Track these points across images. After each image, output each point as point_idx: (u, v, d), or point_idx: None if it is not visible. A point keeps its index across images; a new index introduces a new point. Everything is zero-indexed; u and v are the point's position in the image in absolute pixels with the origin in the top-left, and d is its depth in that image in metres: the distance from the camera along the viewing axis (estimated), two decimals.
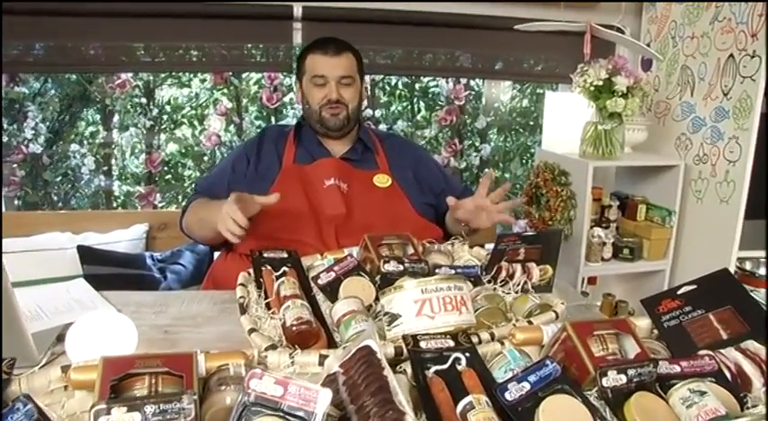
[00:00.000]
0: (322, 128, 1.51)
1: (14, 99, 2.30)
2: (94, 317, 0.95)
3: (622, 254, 1.77)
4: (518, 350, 0.81)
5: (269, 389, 0.65)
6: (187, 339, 1.05)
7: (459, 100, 2.68)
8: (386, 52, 2.22)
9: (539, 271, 1.14)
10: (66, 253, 1.56)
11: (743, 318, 0.85)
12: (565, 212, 1.68)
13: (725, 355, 0.80)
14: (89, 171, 2.47)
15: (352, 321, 0.94)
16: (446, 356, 0.80)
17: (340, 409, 0.70)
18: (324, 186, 1.45)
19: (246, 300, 1.03)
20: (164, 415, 0.61)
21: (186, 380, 0.67)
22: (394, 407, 0.64)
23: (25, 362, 0.86)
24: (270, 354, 0.79)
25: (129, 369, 0.67)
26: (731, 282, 0.91)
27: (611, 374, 0.73)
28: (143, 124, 2.49)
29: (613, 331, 0.81)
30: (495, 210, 1.30)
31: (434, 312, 0.88)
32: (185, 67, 2.20)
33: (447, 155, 2.73)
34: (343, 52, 1.51)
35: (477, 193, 1.32)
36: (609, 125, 1.62)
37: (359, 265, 1.14)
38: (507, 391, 0.70)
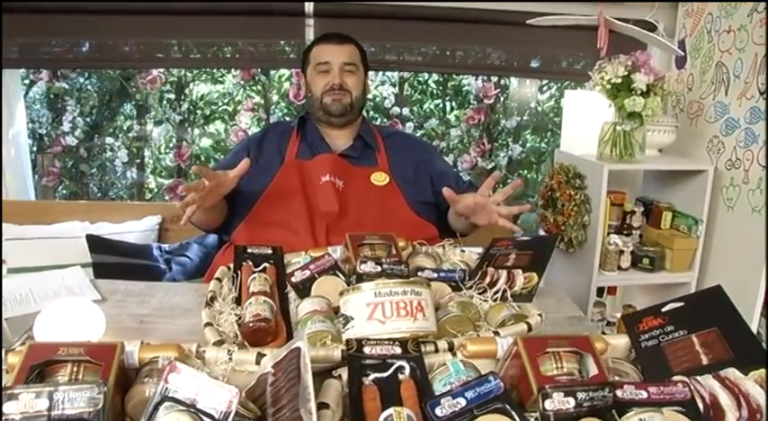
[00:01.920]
0: (324, 115, 1.50)
1: (56, 94, 2.42)
2: (63, 304, 0.97)
3: (642, 263, 1.65)
4: (464, 362, 0.76)
5: (185, 385, 0.64)
6: (159, 330, 1.06)
7: (488, 98, 2.60)
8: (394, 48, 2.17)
9: (523, 278, 1.07)
10: (79, 241, 1.62)
11: (728, 343, 0.77)
12: (578, 217, 1.59)
13: (701, 383, 0.72)
14: (122, 163, 2.57)
15: (309, 321, 0.91)
16: (389, 364, 0.76)
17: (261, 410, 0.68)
18: (320, 182, 1.43)
19: (215, 295, 1.02)
20: (72, 403, 0.61)
21: (104, 370, 0.67)
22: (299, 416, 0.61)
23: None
24: (208, 350, 0.78)
25: (51, 355, 0.68)
26: (722, 301, 0.83)
27: (557, 396, 0.67)
28: (173, 119, 2.56)
29: (572, 349, 0.75)
30: (495, 211, 1.23)
31: (386, 317, 0.84)
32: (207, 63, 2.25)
33: (475, 154, 2.66)
34: (346, 42, 1.53)
35: (480, 191, 1.26)
36: (628, 126, 1.52)
37: (336, 265, 1.11)
38: (439, 406, 0.66)
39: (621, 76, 1.44)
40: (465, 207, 1.30)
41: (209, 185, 1.19)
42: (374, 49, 2.13)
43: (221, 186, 1.26)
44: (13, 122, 1.96)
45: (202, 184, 1.18)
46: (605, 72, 1.47)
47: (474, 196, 1.27)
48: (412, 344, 0.79)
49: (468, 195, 1.29)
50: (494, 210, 1.23)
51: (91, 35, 2.00)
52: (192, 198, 1.16)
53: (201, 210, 1.29)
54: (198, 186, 1.17)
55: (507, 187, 1.23)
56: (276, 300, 1.03)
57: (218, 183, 1.23)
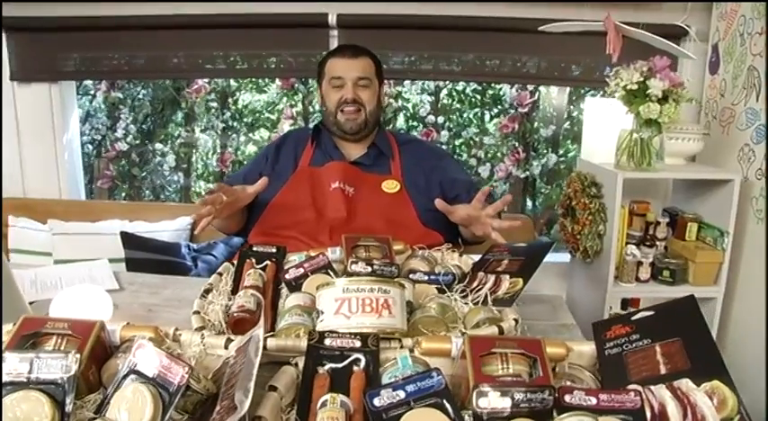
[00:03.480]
0: (338, 130, 1.55)
1: (113, 103, 2.63)
2: (76, 290, 1.08)
3: (662, 276, 1.59)
4: (414, 358, 0.78)
5: (148, 360, 0.71)
6: (162, 318, 1.15)
7: (523, 107, 2.57)
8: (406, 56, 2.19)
9: (508, 283, 1.08)
10: (117, 238, 1.76)
11: (688, 353, 0.75)
12: (594, 226, 1.55)
13: (653, 393, 0.71)
14: (170, 168, 2.75)
15: (287, 314, 0.96)
16: (346, 356, 0.80)
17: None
18: (330, 189, 1.49)
19: (211, 287, 1.09)
20: (48, 369, 0.69)
21: (81, 343, 0.74)
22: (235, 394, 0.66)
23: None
24: (183, 333, 0.85)
25: (39, 328, 0.76)
26: (692, 311, 0.80)
27: (492, 396, 0.68)
28: (217, 127, 2.72)
29: (520, 351, 0.76)
30: (489, 224, 1.26)
31: (351, 312, 0.88)
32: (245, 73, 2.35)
33: (510, 163, 2.64)
34: (360, 55, 1.55)
35: (472, 204, 1.30)
36: (645, 133, 1.48)
37: (329, 264, 1.16)
38: (377, 397, 0.69)
39: (637, 82, 1.41)
40: (460, 218, 1.34)
41: (226, 200, 1.28)
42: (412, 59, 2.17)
43: (238, 201, 1.35)
44: (68, 129, 2.14)
45: (220, 198, 1.27)
46: (620, 78, 1.44)
47: (466, 208, 1.30)
48: (372, 339, 0.82)
49: (461, 207, 1.33)
50: (487, 223, 1.26)
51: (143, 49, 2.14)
52: (208, 211, 1.25)
53: (230, 214, 1.39)
54: (216, 200, 1.26)
55: (498, 202, 1.27)
56: (269, 294, 1.09)
57: (236, 198, 1.32)
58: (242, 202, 1.35)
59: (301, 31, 1.97)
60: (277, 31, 1.99)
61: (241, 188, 1.33)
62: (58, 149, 2.10)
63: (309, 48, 1.99)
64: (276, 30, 1.98)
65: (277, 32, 1.98)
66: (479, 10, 1.96)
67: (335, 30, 1.95)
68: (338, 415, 0.65)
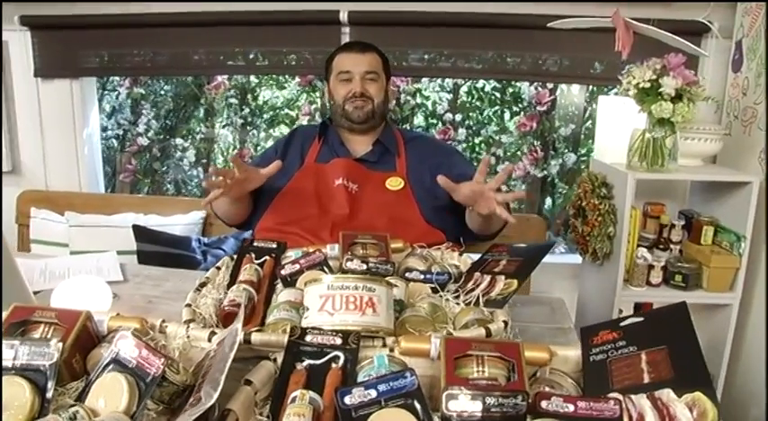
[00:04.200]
0: (347, 122, 1.56)
1: (135, 99, 2.70)
2: (77, 280, 1.11)
3: (674, 280, 1.54)
4: (391, 358, 0.77)
5: (128, 351, 0.73)
6: (160, 310, 1.17)
7: (541, 105, 2.53)
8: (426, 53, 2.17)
9: (503, 284, 1.06)
10: (130, 231, 1.80)
11: (673, 363, 0.73)
12: (603, 228, 1.52)
13: (633, 402, 0.69)
14: (189, 163, 2.80)
15: (276, 309, 0.97)
16: (325, 353, 0.80)
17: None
18: (333, 185, 1.49)
19: (207, 280, 1.11)
20: (32, 356, 0.71)
21: (66, 332, 0.76)
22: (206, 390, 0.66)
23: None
24: (170, 325, 0.86)
25: (27, 316, 0.79)
26: (682, 319, 0.78)
27: (463, 399, 0.68)
28: (236, 123, 2.75)
29: (497, 354, 0.74)
30: (493, 198, 1.22)
31: (335, 309, 0.87)
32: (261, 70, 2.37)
33: (527, 163, 2.60)
34: (367, 51, 1.57)
35: (474, 179, 1.26)
36: (658, 133, 1.43)
37: (325, 261, 1.16)
38: (348, 395, 0.69)
39: (649, 80, 1.37)
40: (464, 196, 1.30)
41: (238, 176, 1.30)
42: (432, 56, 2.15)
43: (249, 181, 1.36)
44: (88, 124, 2.20)
45: (232, 173, 1.29)
46: (633, 76, 1.40)
47: (469, 184, 1.27)
48: (353, 337, 0.82)
49: (464, 184, 1.29)
50: (491, 197, 1.22)
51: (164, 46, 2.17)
52: (219, 183, 1.26)
53: (227, 201, 1.41)
54: (228, 174, 1.28)
55: (500, 174, 1.22)
56: (263, 289, 1.10)
57: (247, 176, 1.34)
58: (252, 184, 1.37)
59: (314, 29, 1.98)
60: (292, 28, 2.00)
61: (254, 169, 1.35)
62: (79, 144, 2.16)
63: (322, 45, 1.99)
64: (291, 27, 1.99)
65: (292, 29, 1.99)
66: (497, 7, 1.93)
67: (347, 27, 1.94)
68: (305, 411, 0.65)
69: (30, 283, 1.19)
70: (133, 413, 0.68)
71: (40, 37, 2.02)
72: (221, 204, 1.48)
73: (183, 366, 0.76)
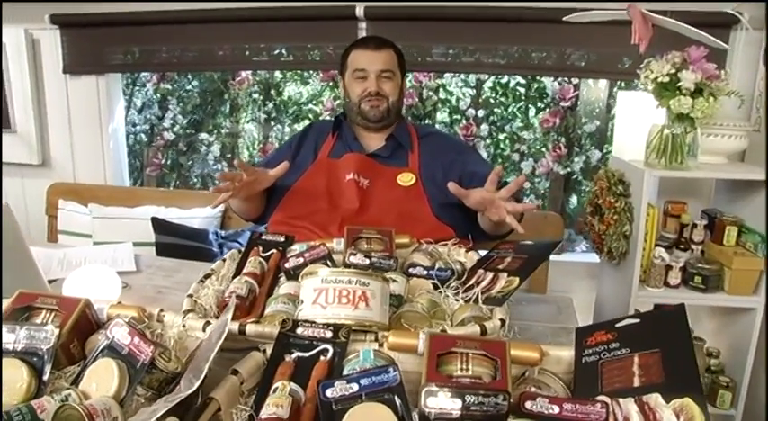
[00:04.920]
0: (362, 120, 1.56)
1: (162, 94, 2.76)
2: (88, 269, 1.15)
3: (693, 281, 1.49)
4: (378, 353, 0.77)
5: (122, 338, 0.75)
6: (168, 300, 1.20)
7: (565, 101, 2.48)
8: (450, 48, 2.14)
9: (504, 281, 1.04)
10: (149, 223, 1.85)
11: (665, 367, 0.70)
12: (618, 226, 1.48)
13: (620, 406, 0.68)
14: (214, 157, 2.86)
15: (273, 302, 0.98)
16: (314, 345, 0.81)
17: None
18: (344, 180, 1.49)
19: (212, 272, 1.13)
20: (31, 340, 0.74)
21: (64, 318, 0.79)
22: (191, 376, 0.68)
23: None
24: (167, 315, 0.88)
25: (30, 302, 0.82)
26: (679, 322, 0.76)
27: (442, 396, 0.67)
28: (259, 118, 2.79)
29: (483, 352, 0.73)
30: (503, 207, 1.21)
31: (327, 303, 0.87)
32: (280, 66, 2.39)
33: (551, 159, 2.55)
34: (383, 48, 1.55)
35: (485, 187, 1.24)
36: (678, 129, 1.39)
37: (329, 255, 1.17)
38: (331, 388, 0.69)
39: (668, 74, 1.32)
40: (475, 202, 1.29)
41: (245, 179, 1.31)
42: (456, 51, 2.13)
43: (257, 182, 1.38)
44: (113, 119, 2.27)
45: (239, 177, 1.31)
46: (651, 70, 1.35)
47: (480, 192, 1.26)
48: (344, 331, 0.82)
49: (475, 191, 1.28)
50: (501, 206, 1.21)
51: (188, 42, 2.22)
52: (227, 186, 1.28)
53: (239, 199, 1.43)
54: (235, 177, 1.29)
55: (511, 184, 1.20)
56: (267, 282, 1.11)
57: (256, 178, 1.36)
58: (261, 185, 1.39)
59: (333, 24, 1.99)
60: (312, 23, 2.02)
61: (263, 170, 1.37)
62: (104, 138, 2.23)
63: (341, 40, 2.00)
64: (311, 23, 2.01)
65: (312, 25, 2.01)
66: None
67: (364, 22, 1.94)
68: (283, 402, 0.66)
69: (47, 272, 1.25)
70: (122, 397, 0.70)
71: (69, 35, 2.09)
72: (235, 203, 1.51)
73: (176, 355, 0.78)
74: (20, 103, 2.16)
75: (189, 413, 0.64)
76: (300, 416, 0.67)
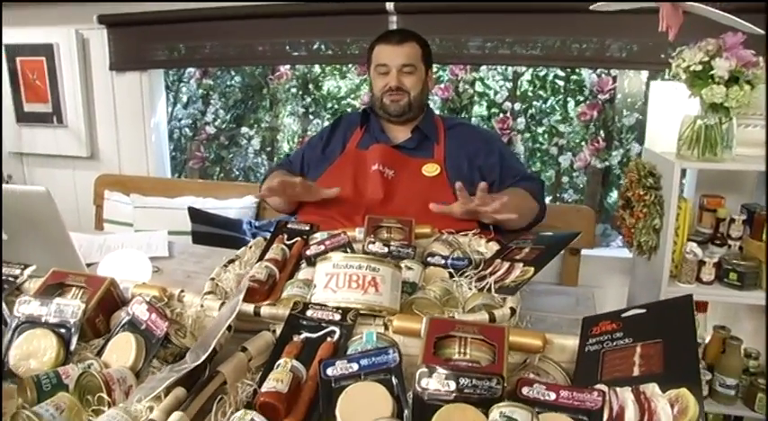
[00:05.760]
0: (384, 113, 1.58)
1: (205, 89, 2.86)
2: (122, 253, 1.22)
3: (728, 278, 1.43)
4: (381, 335, 0.79)
5: (141, 314, 0.80)
6: (195, 284, 1.25)
7: (603, 93, 2.42)
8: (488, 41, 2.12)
9: (519, 271, 1.05)
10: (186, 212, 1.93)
11: (665, 357, 0.69)
12: (648, 220, 1.44)
13: (617, 395, 0.67)
14: (254, 151, 2.94)
15: (290, 286, 1.02)
16: (323, 327, 0.83)
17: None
18: (370, 171, 1.52)
19: (236, 258, 1.18)
20: (61, 314, 0.80)
21: (90, 295, 0.85)
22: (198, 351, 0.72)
23: None
24: (187, 295, 0.93)
25: (62, 280, 0.88)
26: (684, 313, 0.74)
27: (436, 377, 0.68)
28: (298, 112, 2.86)
29: (481, 337, 0.74)
30: (486, 212, 1.29)
31: (338, 287, 0.90)
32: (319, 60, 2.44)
33: (588, 153, 2.50)
34: (406, 41, 1.57)
35: (459, 202, 1.34)
36: (711, 119, 1.34)
37: (349, 243, 1.20)
38: (332, 367, 0.72)
39: (701, 61, 1.28)
40: (460, 215, 1.36)
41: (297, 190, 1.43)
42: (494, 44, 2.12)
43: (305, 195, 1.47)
44: (155, 113, 2.37)
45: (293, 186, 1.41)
46: (683, 58, 1.31)
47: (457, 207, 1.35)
48: (352, 314, 0.85)
49: (455, 206, 1.36)
50: (486, 212, 1.29)
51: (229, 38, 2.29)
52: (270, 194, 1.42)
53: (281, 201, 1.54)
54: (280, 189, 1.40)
55: (477, 192, 1.30)
56: (288, 268, 1.15)
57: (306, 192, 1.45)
58: (307, 198, 1.48)
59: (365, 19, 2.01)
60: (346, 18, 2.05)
61: (316, 189, 1.46)
62: (147, 132, 2.34)
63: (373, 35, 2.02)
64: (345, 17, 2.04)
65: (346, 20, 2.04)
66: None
67: (394, 16, 1.96)
68: (284, 377, 0.69)
69: (88, 256, 1.32)
70: (139, 369, 0.74)
71: (115, 33, 2.20)
72: (275, 202, 1.59)
73: (191, 332, 0.83)
74: (71, 99, 2.30)
75: (196, 384, 0.68)
76: (301, 393, 0.70)
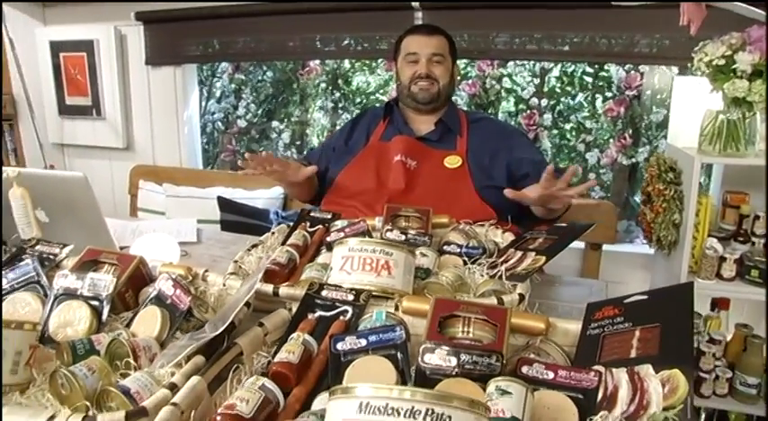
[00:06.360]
0: (412, 102, 1.62)
1: (237, 85, 2.95)
2: (152, 236, 1.29)
3: (750, 275, 1.42)
4: (390, 315, 0.83)
5: (166, 289, 0.86)
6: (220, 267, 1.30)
7: (631, 89, 2.39)
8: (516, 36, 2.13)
9: (530, 260, 1.07)
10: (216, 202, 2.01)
11: (662, 340, 0.71)
12: (668, 215, 1.43)
13: (612, 375, 0.70)
14: (284, 144, 3.01)
15: (308, 269, 1.07)
16: (336, 306, 0.88)
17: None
18: (392, 161, 1.56)
19: (260, 243, 1.24)
20: (95, 288, 0.87)
21: (121, 271, 0.91)
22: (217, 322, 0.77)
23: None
24: (210, 275, 0.99)
25: (96, 257, 0.95)
26: (684, 299, 0.76)
27: (439, 353, 0.72)
28: (327, 107, 2.91)
29: (484, 317, 0.77)
30: (564, 195, 1.25)
31: (353, 269, 0.94)
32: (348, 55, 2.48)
33: (615, 149, 2.47)
34: (435, 34, 1.62)
35: (541, 184, 1.27)
36: (734, 114, 1.33)
37: (368, 231, 1.24)
38: (341, 341, 0.76)
39: (723, 55, 1.27)
40: (533, 201, 1.33)
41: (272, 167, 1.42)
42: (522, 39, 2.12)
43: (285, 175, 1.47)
44: (188, 107, 2.46)
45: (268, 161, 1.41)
46: (705, 52, 1.31)
47: (536, 189, 1.29)
48: (365, 295, 0.89)
49: (530, 190, 1.31)
50: (563, 195, 1.25)
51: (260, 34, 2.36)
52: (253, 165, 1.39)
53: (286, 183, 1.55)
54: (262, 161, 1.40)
55: (566, 174, 1.24)
56: (309, 253, 1.20)
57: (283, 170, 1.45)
58: (291, 178, 1.49)
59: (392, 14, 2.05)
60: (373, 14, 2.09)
61: (296, 166, 1.48)
62: (180, 125, 2.43)
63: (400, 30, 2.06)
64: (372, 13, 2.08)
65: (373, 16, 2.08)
66: None
67: (419, 12, 1.99)
68: (295, 349, 0.73)
69: (122, 240, 1.40)
70: (163, 339, 0.80)
71: (151, 30, 2.30)
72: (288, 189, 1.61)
73: (212, 308, 0.89)
74: (109, 93, 2.41)
75: (214, 354, 0.73)
76: (311, 365, 0.74)
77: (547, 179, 1.24)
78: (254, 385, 0.64)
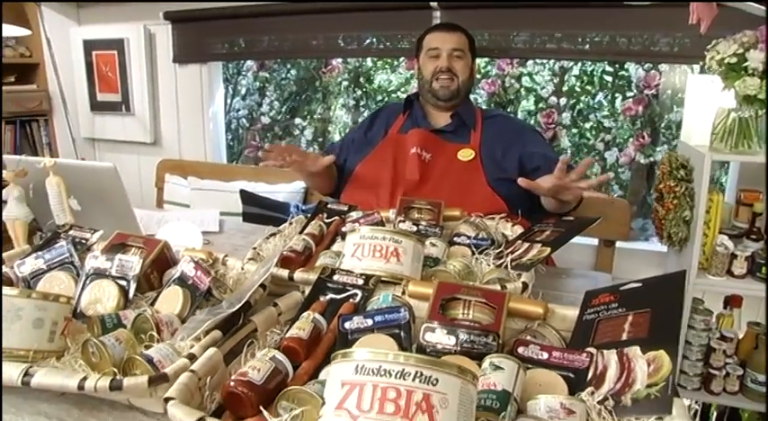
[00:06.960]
0: (432, 98, 1.67)
1: (261, 82, 3.02)
2: (177, 224, 1.36)
3: (760, 272, 1.42)
4: (396, 297, 0.88)
5: (188, 270, 0.92)
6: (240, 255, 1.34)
7: (649, 88, 2.39)
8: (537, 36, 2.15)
9: (536, 251, 1.11)
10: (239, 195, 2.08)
11: (651, 324, 0.75)
12: (678, 211, 1.45)
13: (603, 356, 0.74)
14: (306, 141, 3.08)
15: (322, 256, 1.12)
16: (346, 289, 0.93)
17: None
18: (409, 154, 1.60)
19: (278, 232, 1.29)
20: (122, 268, 0.94)
21: (146, 254, 0.98)
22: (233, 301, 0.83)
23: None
24: (230, 259, 1.05)
25: (124, 240, 1.02)
26: (676, 287, 0.79)
27: (439, 332, 0.76)
28: (348, 104, 2.97)
29: (483, 300, 0.81)
30: (577, 187, 1.26)
31: (363, 256, 0.99)
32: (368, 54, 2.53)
33: (633, 149, 2.48)
34: (455, 30, 1.68)
35: (554, 174, 1.29)
36: (746, 112, 1.34)
37: (381, 221, 1.29)
38: (349, 321, 0.81)
39: (735, 54, 1.29)
40: (546, 191, 1.34)
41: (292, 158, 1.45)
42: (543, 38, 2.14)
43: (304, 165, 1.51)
44: (213, 103, 2.55)
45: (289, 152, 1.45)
46: (716, 51, 1.32)
47: (549, 179, 1.30)
48: (374, 280, 0.94)
49: (543, 180, 1.33)
50: (575, 187, 1.26)
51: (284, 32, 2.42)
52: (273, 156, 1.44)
53: (306, 174, 1.59)
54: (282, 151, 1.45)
55: (580, 166, 1.26)
56: (325, 242, 1.26)
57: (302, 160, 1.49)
58: (310, 169, 1.52)
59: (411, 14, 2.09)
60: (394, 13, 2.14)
61: (315, 157, 1.52)
62: (205, 120, 2.52)
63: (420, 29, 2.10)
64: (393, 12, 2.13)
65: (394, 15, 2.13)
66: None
67: (438, 11, 2.03)
68: (306, 326, 0.79)
69: (147, 228, 1.48)
70: (184, 316, 0.86)
71: (179, 28, 2.39)
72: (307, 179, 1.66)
73: (230, 289, 0.94)
74: (138, 90, 2.50)
75: (231, 330, 0.79)
76: (320, 342, 0.80)
77: (561, 169, 1.25)
78: (265, 356, 0.70)
